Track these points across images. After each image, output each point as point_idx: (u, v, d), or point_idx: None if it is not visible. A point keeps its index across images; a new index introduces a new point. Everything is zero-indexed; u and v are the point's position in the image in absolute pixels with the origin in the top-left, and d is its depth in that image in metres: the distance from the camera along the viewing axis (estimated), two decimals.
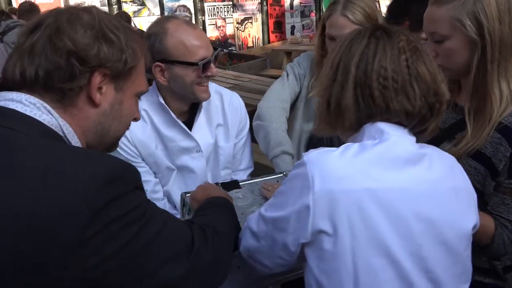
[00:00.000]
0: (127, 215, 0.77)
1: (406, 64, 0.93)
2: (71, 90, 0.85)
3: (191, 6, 8.95)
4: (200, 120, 1.64)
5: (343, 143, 1.71)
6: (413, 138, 0.98)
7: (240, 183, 1.51)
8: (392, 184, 0.90)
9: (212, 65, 1.52)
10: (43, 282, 0.71)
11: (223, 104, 1.71)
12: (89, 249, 0.71)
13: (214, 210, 1.11)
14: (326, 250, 0.90)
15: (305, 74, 1.88)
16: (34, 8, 5.21)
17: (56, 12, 0.88)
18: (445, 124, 1.34)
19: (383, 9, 13.36)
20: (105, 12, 0.95)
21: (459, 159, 1.11)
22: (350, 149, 0.93)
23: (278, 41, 10.17)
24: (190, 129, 1.62)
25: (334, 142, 1.80)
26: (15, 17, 5.45)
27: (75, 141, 0.87)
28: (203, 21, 9.09)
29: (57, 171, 0.74)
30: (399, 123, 0.96)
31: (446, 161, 1.00)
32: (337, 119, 0.99)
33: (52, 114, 0.84)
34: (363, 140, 0.96)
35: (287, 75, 1.89)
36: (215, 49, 1.57)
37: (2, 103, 0.83)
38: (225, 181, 1.58)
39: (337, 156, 0.92)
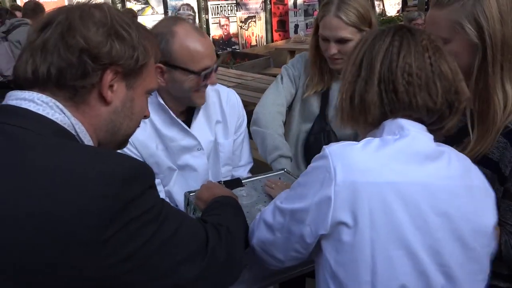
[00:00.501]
0: (144, 215, 0.76)
1: (430, 62, 0.96)
2: (83, 88, 0.84)
3: (194, 5, 8.95)
4: (199, 118, 1.64)
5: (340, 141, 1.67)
6: (431, 136, 0.99)
7: (242, 181, 1.51)
8: (413, 178, 0.91)
9: (213, 74, 1.52)
10: (59, 282, 0.70)
11: (220, 101, 1.71)
12: (108, 250, 0.71)
13: (224, 210, 1.11)
14: (345, 241, 0.91)
15: (299, 75, 1.89)
16: (38, 7, 5.23)
17: (67, 9, 0.87)
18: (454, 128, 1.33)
19: (387, 8, 13.19)
20: (116, 8, 0.94)
21: None
22: (371, 143, 0.95)
23: (281, 39, 10.17)
24: (189, 127, 1.62)
25: (331, 140, 1.80)
26: (18, 13, 5.48)
27: (87, 139, 0.87)
28: (207, 20, 9.10)
29: (74, 171, 0.73)
30: (419, 119, 0.98)
31: (463, 160, 1.01)
32: (360, 114, 1.01)
33: (64, 113, 0.84)
34: (383, 135, 0.98)
35: (281, 78, 1.89)
36: (218, 55, 1.56)
37: (14, 102, 0.83)
38: (227, 179, 1.58)
39: (359, 149, 0.94)
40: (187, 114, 1.64)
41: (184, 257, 0.84)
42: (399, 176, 0.91)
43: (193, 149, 1.62)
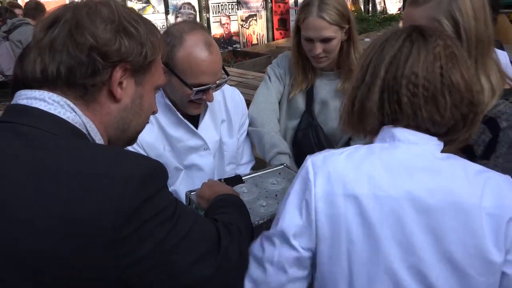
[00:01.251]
0: (159, 214, 0.76)
1: (440, 72, 0.89)
2: (94, 86, 0.84)
3: (195, 4, 8.93)
4: (206, 118, 1.65)
5: (330, 140, 1.72)
6: (437, 147, 0.93)
7: (243, 178, 1.51)
8: (399, 191, 0.86)
9: (210, 91, 1.50)
10: (80, 283, 0.70)
11: (225, 99, 1.72)
12: (124, 249, 0.71)
13: (230, 208, 1.10)
14: (323, 252, 0.90)
15: (285, 73, 1.94)
16: (40, 6, 5.23)
17: (73, 6, 0.86)
18: None
19: (388, 6, 13.09)
20: (122, 5, 0.93)
21: None
22: (357, 152, 0.92)
23: (282, 38, 10.13)
24: (196, 127, 1.62)
25: (320, 138, 1.87)
26: (18, 11, 5.47)
27: (98, 138, 0.86)
28: (208, 19, 9.07)
29: (89, 171, 0.73)
30: (426, 130, 0.92)
31: (474, 177, 0.89)
32: (359, 122, 0.97)
33: (75, 112, 0.83)
34: (375, 142, 0.94)
35: (269, 77, 1.94)
36: (227, 73, 1.56)
37: (25, 102, 0.82)
38: (227, 176, 1.58)
39: (342, 160, 0.91)
40: None
41: (197, 257, 0.83)
42: (382, 189, 0.87)
43: (200, 149, 1.63)
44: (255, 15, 9.96)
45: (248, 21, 9.85)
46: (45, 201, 0.70)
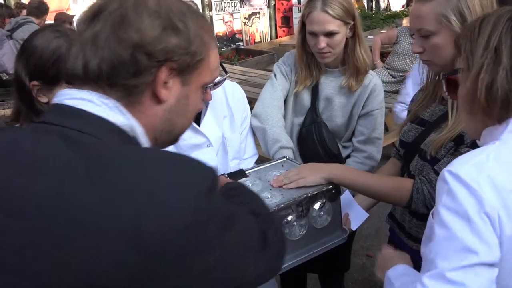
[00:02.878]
0: (221, 223, 0.72)
1: None
2: (136, 87, 0.77)
3: (198, 1, 8.94)
4: (207, 115, 1.65)
5: (334, 137, 1.69)
6: None
7: (246, 172, 1.52)
8: None
9: (208, 90, 1.49)
10: None
11: (226, 95, 1.73)
12: (192, 264, 0.67)
13: (246, 195, 1.03)
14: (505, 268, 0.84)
15: (291, 70, 1.96)
16: (43, 5, 5.24)
17: None
18: (433, 117, 1.42)
19: (392, 3, 13.00)
20: None
21: (440, 146, 1.27)
22: (502, 153, 0.85)
23: (285, 36, 10.11)
24: (198, 124, 1.63)
25: (323, 135, 1.90)
26: (25, 11, 5.49)
27: (144, 141, 0.80)
28: (211, 17, 9.08)
29: (158, 183, 0.67)
30: None
31: None
32: (500, 108, 0.88)
33: (125, 115, 0.77)
34: (504, 135, 0.88)
35: (275, 75, 1.97)
36: (226, 71, 1.54)
37: (71, 103, 0.75)
38: (230, 171, 1.58)
39: (495, 165, 0.83)
40: None
41: (252, 254, 0.80)
42: None
43: (203, 146, 1.63)
44: (258, 12, 9.95)
45: (251, 19, 9.85)
46: (110, 215, 0.63)
